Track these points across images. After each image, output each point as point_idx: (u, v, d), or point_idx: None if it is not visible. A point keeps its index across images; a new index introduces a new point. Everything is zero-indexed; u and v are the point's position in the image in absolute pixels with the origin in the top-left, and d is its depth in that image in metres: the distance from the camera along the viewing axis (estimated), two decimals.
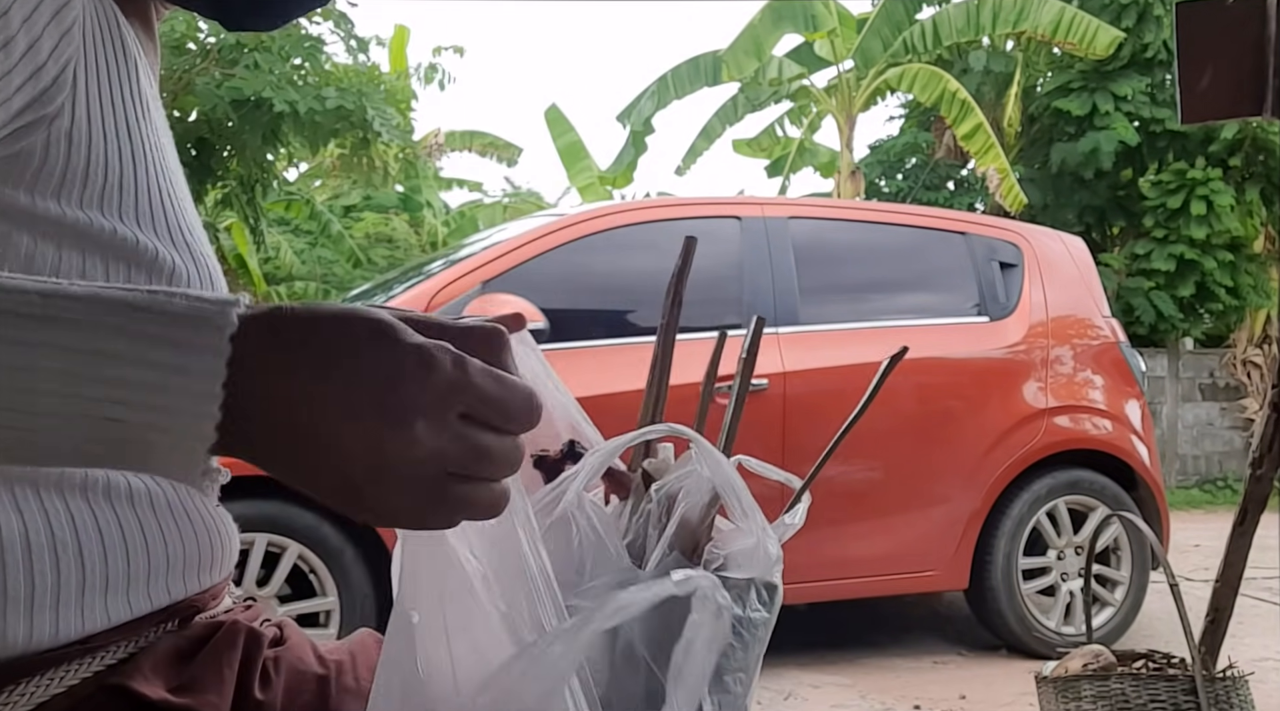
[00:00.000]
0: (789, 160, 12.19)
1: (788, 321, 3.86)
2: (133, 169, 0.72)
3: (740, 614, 0.72)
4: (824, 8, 10.46)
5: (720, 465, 0.69)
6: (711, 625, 0.65)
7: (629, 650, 0.67)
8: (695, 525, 0.71)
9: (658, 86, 11.27)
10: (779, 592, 0.74)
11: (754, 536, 0.70)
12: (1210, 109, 2.52)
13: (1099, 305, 4.46)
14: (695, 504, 0.70)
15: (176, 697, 0.71)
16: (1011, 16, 9.70)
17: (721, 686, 0.71)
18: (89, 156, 0.68)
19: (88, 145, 0.69)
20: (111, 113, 0.70)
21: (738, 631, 0.72)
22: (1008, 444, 4.04)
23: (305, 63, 7.67)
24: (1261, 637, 4.20)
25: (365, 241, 11.70)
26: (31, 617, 0.69)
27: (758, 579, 0.72)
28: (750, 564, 0.71)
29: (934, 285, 4.34)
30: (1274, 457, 2.45)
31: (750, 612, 0.72)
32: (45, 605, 0.69)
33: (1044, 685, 2.43)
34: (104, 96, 0.70)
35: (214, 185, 8.34)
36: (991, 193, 9.97)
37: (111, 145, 0.70)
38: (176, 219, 0.75)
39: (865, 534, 3.89)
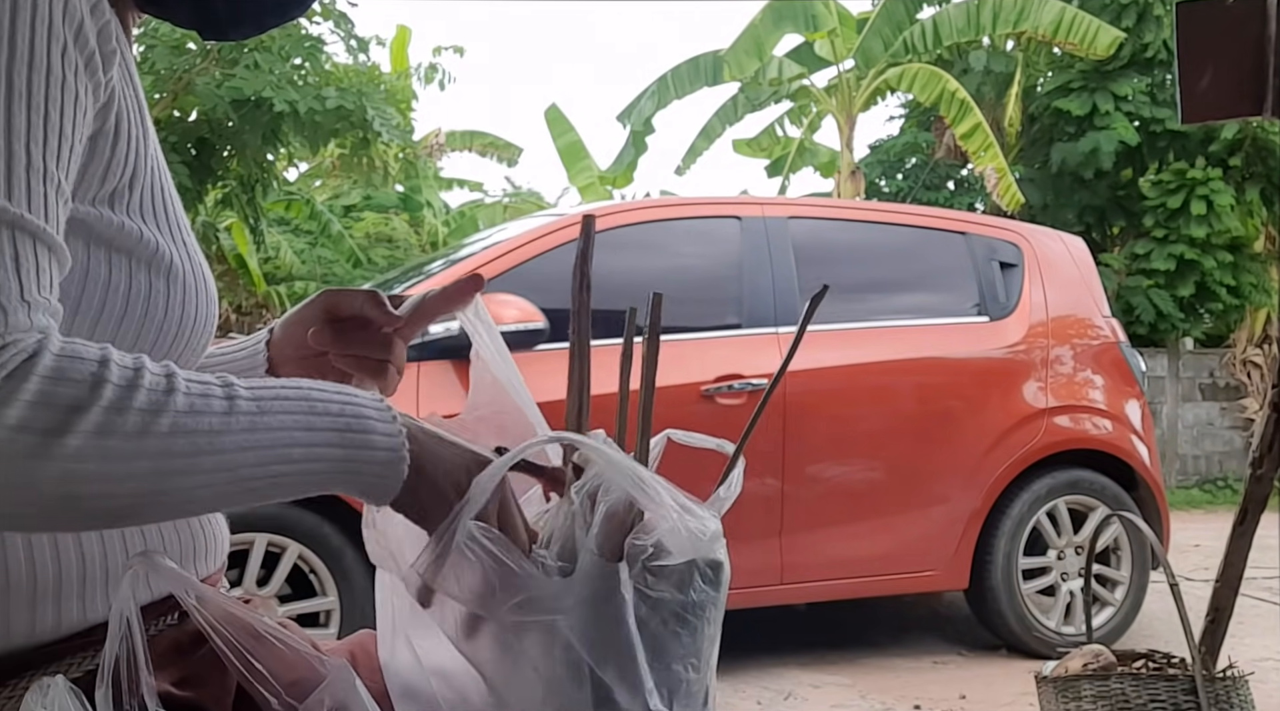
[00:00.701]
0: (789, 160, 12.18)
1: (788, 321, 3.86)
2: (144, 167, 0.73)
3: (682, 598, 0.70)
4: (824, 8, 10.45)
5: (617, 462, 0.69)
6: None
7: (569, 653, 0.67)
8: (616, 524, 0.71)
9: (658, 86, 11.27)
10: (724, 568, 0.73)
11: (670, 520, 0.69)
12: (1210, 109, 2.52)
13: (1099, 305, 4.46)
14: (617, 499, 0.70)
15: (179, 691, 0.72)
16: (1012, 16, 9.70)
17: (670, 674, 0.70)
18: (110, 158, 0.70)
19: (113, 147, 0.70)
20: (128, 116, 0.71)
21: (681, 617, 0.70)
22: (1008, 444, 4.04)
23: (305, 63, 7.67)
24: (1261, 637, 4.20)
25: (365, 241, 11.69)
26: (34, 609, 0.69)
27: (699, 560, 0.71)
28: (683, 546, 0.70)
29: (934, 285, 4.34)
30: (1274, 457, 2.45)
31: (694, 596, 0.71)
32: (47, 597, 0.69)
33: (1044, 685, 2.43)
34: (127, 101, 0.71)
35: (214, 185, 8.33)
36: (990, 193, 9.97)
37: (133, 148, 0.72)
38: (176, 215, 0.76)
39: (865, 534, 3.89)
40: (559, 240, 3.73)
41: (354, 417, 0.67)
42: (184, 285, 0.74)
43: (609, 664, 0.67)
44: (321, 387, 0.68)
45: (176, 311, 0.73)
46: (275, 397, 0.65)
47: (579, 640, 0.67)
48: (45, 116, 0.63)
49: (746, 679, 3.70)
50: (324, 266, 10.81)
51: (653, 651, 0.69)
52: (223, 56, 7.30)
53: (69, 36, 0.65)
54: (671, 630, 0.70)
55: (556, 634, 0.67)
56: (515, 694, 0.68)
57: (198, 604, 0.57)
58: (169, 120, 7.56)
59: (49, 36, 0.63)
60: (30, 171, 0.62)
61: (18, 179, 0.61)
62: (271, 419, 0.64)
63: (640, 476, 0.69)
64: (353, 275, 10.63)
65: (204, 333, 0.78)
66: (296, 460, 0.65)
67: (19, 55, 0.62)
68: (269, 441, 0.64)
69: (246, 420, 0.63)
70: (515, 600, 0.67)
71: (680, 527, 0.69)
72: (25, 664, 0.68)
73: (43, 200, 0.62)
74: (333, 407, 0.66)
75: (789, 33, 10.52)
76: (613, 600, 0.68)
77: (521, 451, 0.70)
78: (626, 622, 0.68)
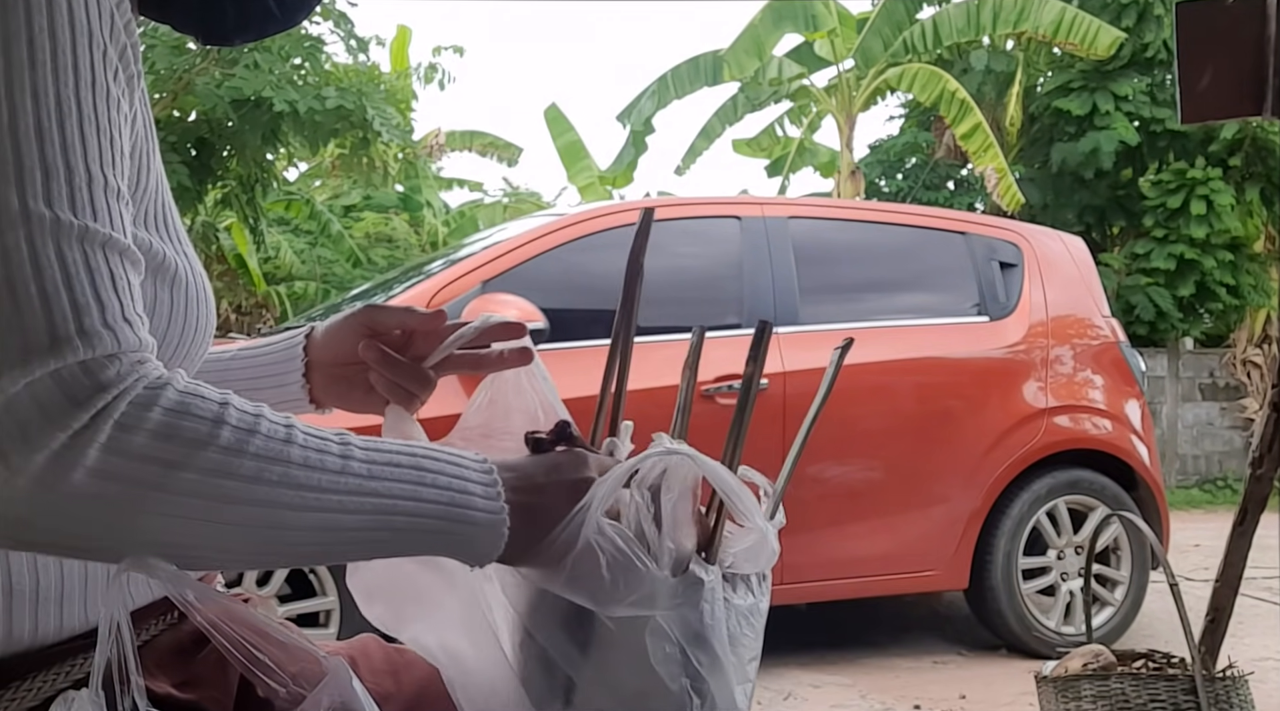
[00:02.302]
0: (789, 160, 12.19)
1: (788, 321, 3.86)
2: (152, 179, 0.73)
3: (753, 602, 0.75)
4: (824, 8, 10.46)
5: (721, 474, 0.72)
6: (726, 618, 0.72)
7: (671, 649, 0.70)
8: (704, 528, 0.75)
9: (658, 86, 11.27)
10: (769, 580, 0.80)
11: (758, 534, 0.74)
12: (1210, 109, 2.53)
13: (1099, 305, 4.46)
14: (680, 496, 0.72)
15: (181, 692, 0.72)
16: (1012, 16, 9.70)
17: (744, 673, 0.74)
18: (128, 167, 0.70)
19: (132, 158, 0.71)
20: (142, 125, 0.72)
21: (750, 620, 0.75)
22: (1008, 443, 4.04)
23: (305, 62, 7.67)
24: (1261, 637, 4.20)
25: (365, 241, 11.69)
26: (36, 612, 0.69)
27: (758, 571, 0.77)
28: (755, 560, 0.75)
29: (934, 285, 4.34)
30: (1274, 457, 2.45)
31: (758, 602, 0.76)
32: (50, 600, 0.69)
33: (1044, 685, 2.43)
34: (141, 112, 0.72)
35: (214, 185, 8.33)
36: (990, 192, 9.97)
37: (144, 161, 0.72)
38: (176, 225, 0.76)
39: (865, 534, 3.89)
40: (559, 240, 3.73)
41: (460, 492, 0.68)
42: (186, 293, 0.74)
43: (705, 660, 0.70)
44: (434, 456, 0.69)
45: (179, 320, 0.74)
46: (388, 462, 0.66)
47: (682, 636, 0.70)
48: (111, 139, 0.64)
49: None
50: (324, 266, 10.81)
51: (733, 650, 0.73)
52: (222, 56, 7.30)
53: (117, 60, 0.66)
54: (743, 631, 0.74)
55: (659, 631, 0.69)
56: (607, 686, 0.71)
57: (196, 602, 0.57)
58: (169, 120, 7.56)
59: (90, 46, 0.64)
60: (108, 192, 0.63)
61: (96, 198, 0.62)
62: (379, 484, 0.65)
63: (739, 492, 0.73)
64: (353, 275, 10.62)
65: (204, 340, 0.78)
66: (398, 528, 0.66)
67: (84, 80, 0.63)
68: (373, 507, 0.65)
69: (355, 482, 0.64)
70: (634, 596, 0.69)
71: (764, 543, 0.74)
72: (28, 665, 0.68)
73: (120, 216, 0.64)
74: (441, 479, 0.68)
75: (789, 32, 10.52)
76: (713, 600, 0.71)
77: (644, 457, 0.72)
78: (721, 621, 0.71)
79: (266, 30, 0.86)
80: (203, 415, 0.60)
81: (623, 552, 0.69)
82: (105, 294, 0.60)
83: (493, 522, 0.68)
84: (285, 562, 0.71)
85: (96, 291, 0.60)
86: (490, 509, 0.68)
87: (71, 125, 0.62)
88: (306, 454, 0.63)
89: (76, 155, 0.62)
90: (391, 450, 0.67)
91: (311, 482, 0.63)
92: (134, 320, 0.61)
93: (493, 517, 0.68)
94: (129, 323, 0.61)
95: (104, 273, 0.61)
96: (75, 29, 0.63)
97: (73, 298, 0.59)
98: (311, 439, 0.64)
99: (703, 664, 0.70)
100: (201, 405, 0.61)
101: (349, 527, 0.63)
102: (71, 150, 0.62)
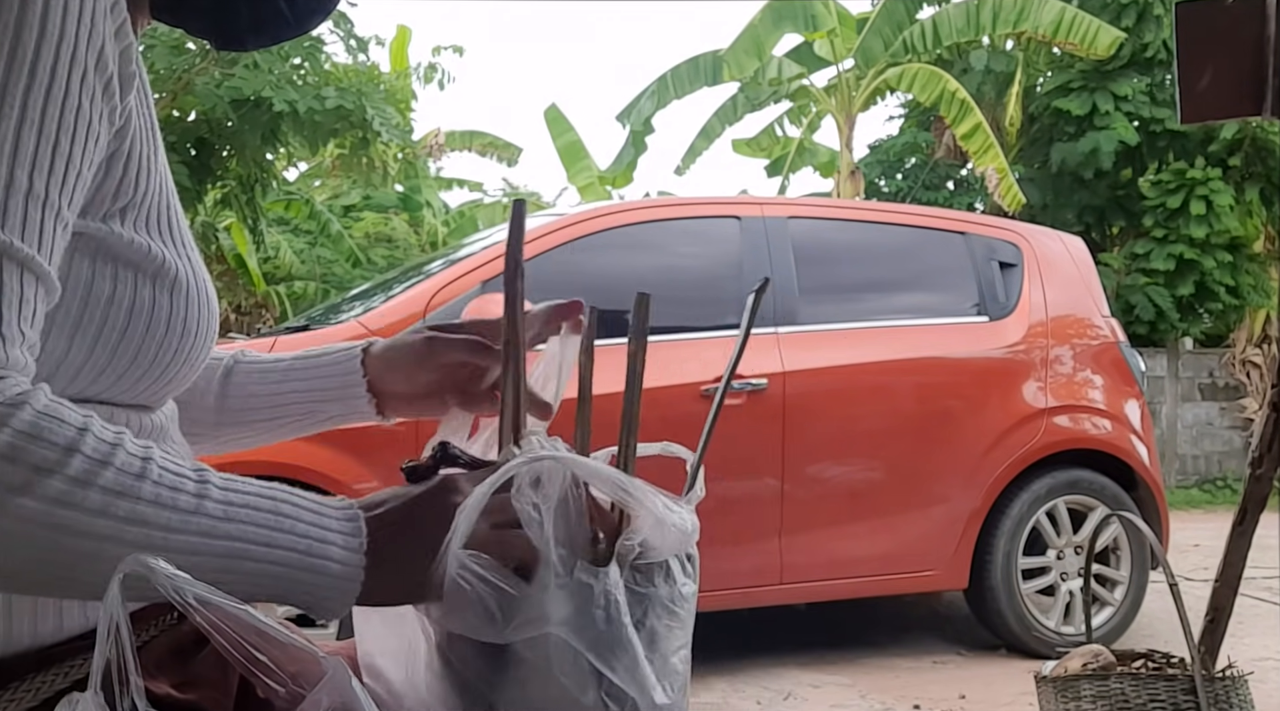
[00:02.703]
0: (789, 160, 12.19)
1: (787, 321, 3.86)
2: (154, 183, 0.73)
3: (670, 591, 0.72)
4: (824, 8, 10.45)
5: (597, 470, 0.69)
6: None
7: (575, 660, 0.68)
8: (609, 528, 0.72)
9: (658, 86, 11.26)
10: (697, 559, 0.76)
11: (654, 517, 0.70)
12: (1210, 109, 2.52)
13: (1099, 305, 4.46)
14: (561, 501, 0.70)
15: (180, 693, 0.72)
16: (1012, 16, 9.69)
17: (668, 666, 0.71)
18: (123, 177, 0.70)
19: (125, 167, 0.70)
20: (141, 135, 0.71)
21: (672, 610, 0.72)
22: (1007, 443, 4.04)
23: (305, 62, 7.66)
24: (1261, 637, 4.20)
25: (365, 241, 11.69)
26: (36, 613, 0.69)
27: (680, 553, 0.74)
28: (662, 545, 0.72)
29: (934, 285, 4.34)
30: (1273, 457, 2.45)
31: (680, 588, 0.73)
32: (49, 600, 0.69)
33: (1044, 685, 2.43)
34: (142, 119, 0.71)
35: (214, 185, 8.33)
36: (990, 192, 9.97)
37: (144, 166, 0.72)
38: (180, 228, 0.76)
39: (865, 534, 3.89)
40: (559, 240, 3.73)
41: (318, 540, 0.66)
42: (187, 298, 0.74)
43: (615, 665, 0.68)
44: (295, 503, 0.67)
45: (179, 326, 0.73)
46: (245, 505, 0.65)
47: (584, 646, 0.68)
48: (55, 144, 0.62)
49: (746, 679, 3.70)
50: (323, 266, 10.81)
51: (650, 646, 0.70)
52: (222, 56, 7.29)
53: (90, 62, 0.65)
54: (665, 624, 0.71)
55: (560, 644, 0.67)
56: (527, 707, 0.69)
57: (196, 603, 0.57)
58: (168, 120, 7.55)
59: (70, 62, 0.63)
60: (30, 198, 0.61)
61: (15, 206, 0.60)
62: (232, 527, 0.64)
63: (621, 480, 0.69)
64: (352, 275, 10.62)
65: (204, 345, 0.77)
66: (247, 572, 0.64)
67: (38, 81, 0.62)
68: (224, 549, 0.63)
69: (207, 523, 0.63)
70: (518, 620, 0.67)
71: (671, 523, 0.71)
72: (27, 666, 0.68)
73: (38, 228, 0.62)
74: (299, 527, 0.66)
75: (789, 32, 10.52)
76: (607, 602, 0.68)
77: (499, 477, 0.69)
78: (623, 622, 0.68)
79: (280, 35, 0.85)
80: (54, 441, 0.59)
81: (489, 582, 0.67)
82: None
83: (347, 573, 0.67)
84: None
85: None
86: (347, 561, 0.67)
87: (29, 137, 0.61)
88: (159, 491, 0.62)
89: (25, 168, 0.61)
90: (250, 492, 0.66)
91: (159, 521, 0.61)
92: (9, 335, 0.60)
93: (348, 569, 0.67)
94: (1, 338, 0.60)
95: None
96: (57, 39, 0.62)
97: None
98: (167, 476, 0.63)
99: (615, 669, 0.68)
100: (55, 430, 0.59)
101: (194, 568, 0.61)
102: (21, 163, 0.61)
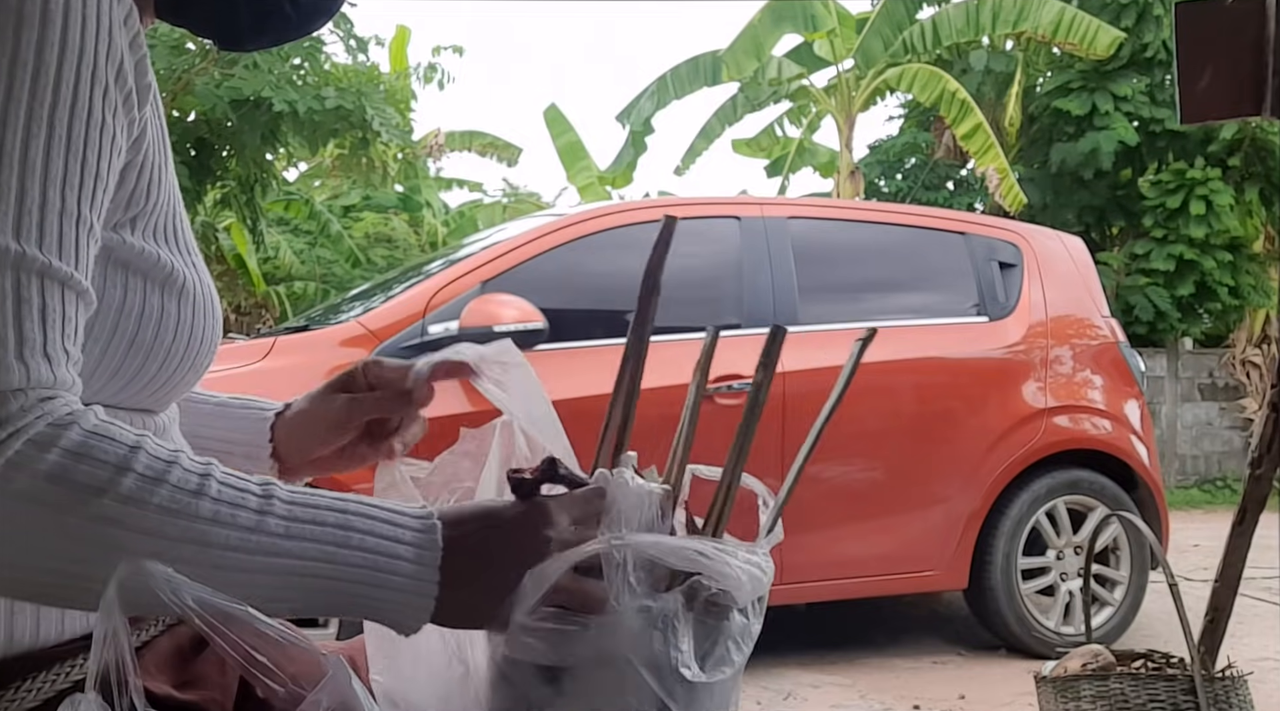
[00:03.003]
0: (788, 160, 12.19)
1: (787, 321, 3.85)
2: (163, 192, 0.73)
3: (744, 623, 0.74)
4: (824, 8, 10.45)
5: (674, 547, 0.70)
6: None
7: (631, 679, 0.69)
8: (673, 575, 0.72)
9: (657, 86, 11.26)
10: (764, 601, 0.78)
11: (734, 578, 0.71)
12: (1210, 109, 2.52)
13: (1098, 305, 4.46)
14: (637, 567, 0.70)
15: (181, 693, 0.72)
16: (1011, 16, 9.69)
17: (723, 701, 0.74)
18: (135, 186, 0.70)
19: (138, 177, 0.71)
20: (154, 145, 0.71)
21: (739, 645, 0.74)
22: (1007, 444, 4.04)
23: (305, 62, 7.66)
24: (1261, 637, 4.20)
25: (365, 241, 11.68)
26: (38, 614, 0.69)
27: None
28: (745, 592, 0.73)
29: (933, 285, 4.34)
30: (1273, 457, 2.45)
31: (751, 626, 0.75)
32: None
33: (1043, 685, 2.43)
34: (154, 129, 0.72)
35: (213, 185, 8.33)
36: (991, 193, 9.96)
37: (155, 175, 0.72)
38: (186, 237, 0.77)
39: (865, 534, 3.89)
40: (559, 240, 3.73)
41: (388, 555, 0.64)
42: (194, 305, 0.74)
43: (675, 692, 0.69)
44: (367, 513, 0.65)
45: (185, 333, 0.74)
46: (311, 520, 0.63)
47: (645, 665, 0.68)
48: (83, 160, 0.63)
49: (746, 678, 3.68)
50: (323, 266, 10.80)
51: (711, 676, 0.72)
52: (222, 56, 7.29)
53: (110, 78, 0.65)
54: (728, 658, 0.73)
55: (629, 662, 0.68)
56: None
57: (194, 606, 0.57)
58: (168, 120, 7.54)
59: (92, 79, 0.63)
60: (64, 216, 0.61)
61: (50, 225, 0.61)
62: (295, 544, 0.62)
63: (697, 554, 0.70)
64: (352, 275, 10.62)
65: (209, 351, 0.78)
66: (312, 590, 0.63)
67: (63, 99, 0.62)
68: (285, 568, 0.62)
69: (268, 542, 0.61)
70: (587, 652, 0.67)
71: (746, 579, 0.72)
72: (29, 666, 0.68)
73: (74, 245, 0.62)
74: (369, 541, 0.64)
75: (788, 33, 10.51)
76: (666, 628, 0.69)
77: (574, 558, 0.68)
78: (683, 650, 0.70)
79: (283, 37, 0.86)
80: (104, 459, 0.58)
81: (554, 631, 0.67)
82: (29, 327, 0.59)
83: (418, 588, 0.64)
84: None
85: (20, 324, 0.59)
86: (419, 576, 0.64)
87: (57, 155, 0.61)
88: (218, 508, 0.60)
89: (56, 186, 0.61)
90: (319, 506, 0.64)
91: (217, 539, 0.60)
92: (55, 355, 0.60)
93: (419, 584, 0.64)
94: (48, 358, 0.59)
95: (34, 305, 0.59)
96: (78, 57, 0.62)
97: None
98: (227, 492, 0.61)
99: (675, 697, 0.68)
100: (105, 449, 0.59)
101: (256, 586, 0.60)
102: (52, 182, 0.61)
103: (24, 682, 0.67)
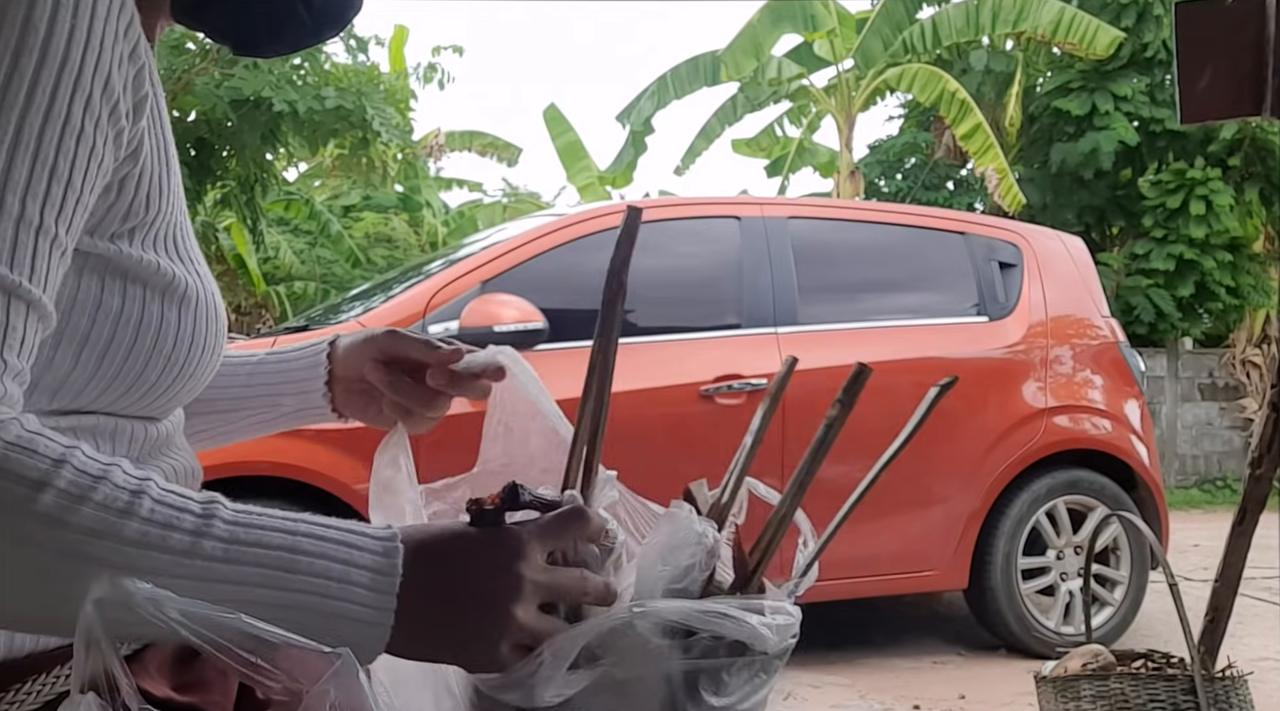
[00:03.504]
0: (788, 160, 12.19)
1: (787, 321, 3.86)
2: (166, 202, 0.73)
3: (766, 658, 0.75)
4: (824, 8, 10.45)
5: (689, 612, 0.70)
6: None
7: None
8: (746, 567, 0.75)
9: (657, 86, 11.26)
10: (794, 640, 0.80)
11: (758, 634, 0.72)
12: (1210, 109, 2.52)
13: (1098, 305, 4.46)
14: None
15: (181, 696, 0.71)
16: (1011, 16, 9.70)
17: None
18: (134, 198, 0.70)
19: (137, 189, 0.70)
20: (153, 156, 0.71)
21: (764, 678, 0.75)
22: (1007, 444, 4.04)
23: (305, 63, 7.67)
24: (1261, 637, 4.20)
25: (365, 241, 11.69)
26: None
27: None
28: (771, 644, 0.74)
29: (933, 285, 4.34)
30: (1273, 457, 2.45)
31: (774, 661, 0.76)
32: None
33: (1043, 685, 2.43)
34: (154, 139, 0.71)
35: (213, 185, 8.33)
36: (991, 193, 9.97)
37: (155, 186, 0.71)
38: (190, 244, 0.76)
39: (865, 534, 3.88)
40: (559, 240, 3.73)
41: (340, 580, 0.60)
42: (195, 312, 0.74)
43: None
44: (321, 535, 0.62)
45: (186, 340, 0.73)
46: (255, 542, 0.60)
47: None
48: (52, 168, 0.61)
49: None
50: (323, 266, 10.81)
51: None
52: (222, 56, 7.30)
53: (96, 88, 0.63)
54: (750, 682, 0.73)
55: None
56: None
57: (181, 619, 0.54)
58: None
59: (74, 88, 0.61)
60: (21, 224, 0.59)
61: (3, 232, 0.59)
62: (233, 569, 0.58)
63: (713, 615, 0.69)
64: (352, 275, 10.62)
65: (212, 358, 0.78)
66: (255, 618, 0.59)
67: (35, 105, 0.60)
68: (223, 594, 0.57)
69: (202, 567, 0.58)
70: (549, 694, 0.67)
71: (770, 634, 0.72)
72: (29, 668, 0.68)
73: (30, 254, 0.60)
74: (318, 565, 0.60)
75: (788, 33, 10.52)
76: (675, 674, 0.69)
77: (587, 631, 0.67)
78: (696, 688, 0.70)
79: (300, 42, 0.85)
80: (24, 474, 0.55)
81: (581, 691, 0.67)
82: None
83: (372, 617, 0.61)
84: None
85: None
86: (375, 603, 0.61)
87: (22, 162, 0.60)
88: (146, 529, 0.57)
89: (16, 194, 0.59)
90: (265, 527, 0.60)
91: (143, 563, 0.56)
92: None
93: (374, 612, 0.61)
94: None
95: None
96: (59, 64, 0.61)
97: None
98: (161, 511, 0.58)
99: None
100: (26, 463, 0.56)
101: None
102: (12, 189, 0.59)
103: (24, 684, 0.67)
